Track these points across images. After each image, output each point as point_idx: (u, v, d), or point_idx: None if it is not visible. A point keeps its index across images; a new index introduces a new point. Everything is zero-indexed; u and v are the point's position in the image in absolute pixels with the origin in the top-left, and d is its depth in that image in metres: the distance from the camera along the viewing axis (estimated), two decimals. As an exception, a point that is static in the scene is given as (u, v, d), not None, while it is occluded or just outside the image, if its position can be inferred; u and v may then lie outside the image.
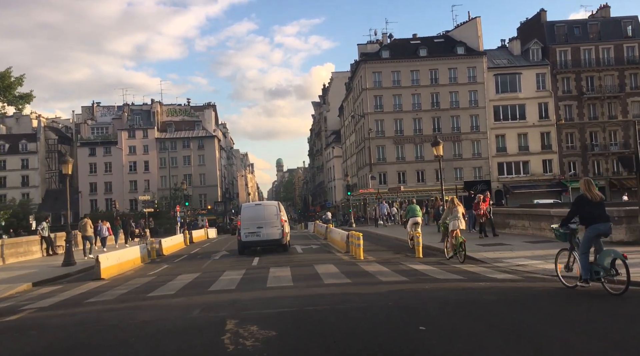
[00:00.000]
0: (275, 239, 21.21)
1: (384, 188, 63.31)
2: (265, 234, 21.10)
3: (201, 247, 29.12)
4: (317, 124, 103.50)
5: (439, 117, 64.91)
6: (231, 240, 34.97)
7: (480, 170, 64.66)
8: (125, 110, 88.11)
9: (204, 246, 29.84)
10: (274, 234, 21.11)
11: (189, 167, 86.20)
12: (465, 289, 10.20)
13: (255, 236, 21.14)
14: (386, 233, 29.81)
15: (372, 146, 64.73)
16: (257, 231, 21.10)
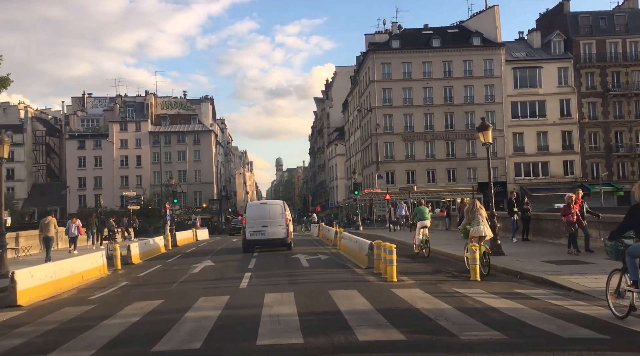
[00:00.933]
0: (280, 238, 21.08)
1: (392, 187, 58.13)
2: (270, 233, 20.93)
3: (184, 252, 23.96)
4: (319, 121, 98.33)
5: (452, 113, 59.80)
6: (224, 243, 29.89)
7: (496, 170, 59.37)
8: (118, 102, 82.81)
9: (188, 251, 24.67)
10: (278, 233, 20.97)
11: (183, 162, 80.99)
12: None
13: (260, 234, 20.97)
14: (405, 239, 24.63)
15: (380, 143, 59.60)
16: (262, 230, 20.95)
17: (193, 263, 18.15)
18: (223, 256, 20.59)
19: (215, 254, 22.18)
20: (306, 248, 23.11)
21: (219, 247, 26.94)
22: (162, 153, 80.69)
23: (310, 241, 28.80)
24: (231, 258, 20.05)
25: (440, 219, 34.87)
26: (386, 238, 24.72)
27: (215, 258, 20.24)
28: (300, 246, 24.47)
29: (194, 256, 21.35)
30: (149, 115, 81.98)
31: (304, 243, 26.57)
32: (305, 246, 24.60)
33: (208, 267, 17.21)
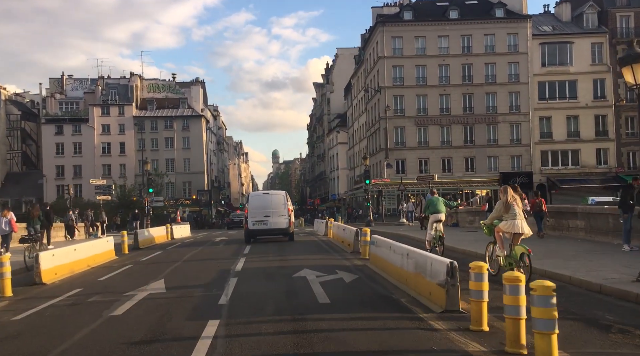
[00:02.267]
0: (282, 228, 21.01)
1: (402, 177, 50.65)
2: (273, 223, 20.80)
3: (137, 263, 16.26)
4: (319, 108, 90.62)
5: (471, 94, 52.27)
6: (204, 244, 22.33)
7: (520, 159, 52.10)
8: (100, 83, 74.89)
9: (144, 260, 17.06)
10: (281, 223, 20.85)
11: (171, 150, 73.19)
12: None
13: (263, 224, 20.86)
14: (463, 245, 17.03)
15: (389, 127, 51.99)
16: (264, 220, 20.82)
17: (125, 292, 10.45)
18: (183, 275, 13.02)
19: (178, 267, 14.61)
20: (314, 257, 15.58)
21: (193, 251, 19.41)
22: (148, 140, 72.76)
23: (316, 243, 21.24)
24: (195, 275, 12.55)
25: (477, 214, 27.24)
26: (410, 239, 17.34)
27: (174, 276, 12.67)
28: (306, 253, 17.01)
29: (142, 274, 13.70)
30: (134, 98, 74.11)
31: (309, 248, 19.03)
32: (311, 253, 17.06)
33: (151, 297, 9.66)
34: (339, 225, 20.10)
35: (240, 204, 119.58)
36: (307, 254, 16.61)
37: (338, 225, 20.24)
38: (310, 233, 29.46)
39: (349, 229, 17.85)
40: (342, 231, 18.85)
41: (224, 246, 20.73)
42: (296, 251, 17.39)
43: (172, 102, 75.88)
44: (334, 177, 79.10)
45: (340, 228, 19.39)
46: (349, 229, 17.82)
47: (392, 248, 11.12)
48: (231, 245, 20.81)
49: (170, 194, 71.84)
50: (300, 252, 17.19)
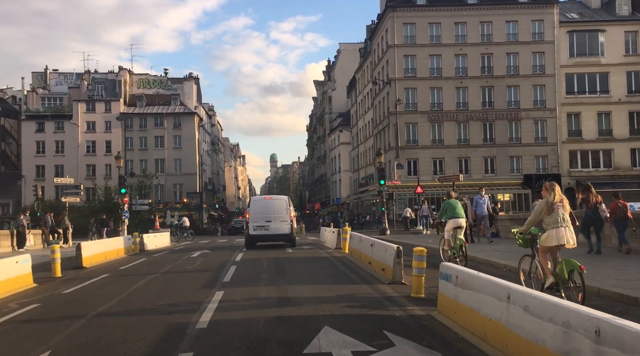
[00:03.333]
0: (284, 234, 20.21)
1: (414, 180, 44.78)
2: (274, 229, 20.02)
3: (47, 305, 10.23)
4: (320, 106, 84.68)
5: (491, 87, 46.43)
6: (168, 266, 16.08)
7: (546, 160, 46.24)
8: (85, 78, 68.90)
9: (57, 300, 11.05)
10: (283, 229, 20.07)
11: (161, 150, 67.13)
12: None
13: (264, 230, 20.01)
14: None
15: (400, 123, 46.13)
16: (265, 225, 20.00)
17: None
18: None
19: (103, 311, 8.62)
20: (333, 292, 9.40)
21: (126, 292, 13.31)
22: (137, 138, 66.97)
23: (329, 262, 15.00)
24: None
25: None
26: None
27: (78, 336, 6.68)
28: (317, 281, 10.95)
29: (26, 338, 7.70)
30: (122, 94, 68.15)
31: (321, 271, 12.64)
32: (326, 282, 10.82)
33: None
34: (362, 238, 14.04)
35: (236, 208, 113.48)
36: (319, 283, 10.58)
37: (360, 238, 14.17)
38: (315, 244, 23.39)
39: (381, 245, 11.84)
40: (369, 247, 12.80)
41: (199, 266, 14.69)
42: (302, 278, 11.40)
43: (164, 99, 69.95)
44: (335, 180, 73.14)
45: (366, 243, 13.34)
46: (381, 246, 11.82)
47: (480, 285, 5.28)
48: (209, 265, 14.76)
49: (159, 196, 65.91)
50: (309, 279, 11.19)
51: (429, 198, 44.11)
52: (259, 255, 17.40)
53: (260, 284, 10.64)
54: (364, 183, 57.08)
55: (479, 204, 18.68)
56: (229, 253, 18.12)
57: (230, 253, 18.48)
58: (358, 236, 14.52)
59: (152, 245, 23.82)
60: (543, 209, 7.74)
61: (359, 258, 14.07)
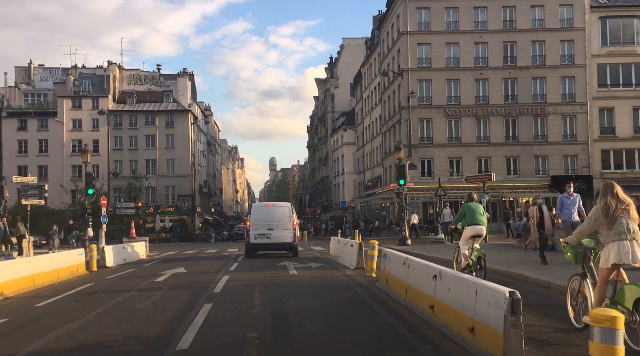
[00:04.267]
0: (286, 243, 19.08)
1: (429, 181, 39.70)
2: (276, 237, 18.98)
3: None
4: (321, 106, 79.47)
5: (514, 79, 41.33)
6: (110, 303, 10.59)
7: (575, 160, 41.08)
8: (72, 73, 63.71)
9: None
10: (285, 237, 19.01)
11: (152, 150, 61.88)
12: None
13: (266, 238, 19.00)
14: None
15: (413, 119, 40.99)
16: (267, 233, 18.99)
17: None
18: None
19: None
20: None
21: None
22: (126, 137, 61.77)
23: (354, 296, 9.81)
24: None
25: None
26: None
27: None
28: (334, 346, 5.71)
29: None
30: (111, 90, 62.99)
31: (350, 332, 6.91)
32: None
33: None
34: (410, 263, 8.57)
35: (233, 212, 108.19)
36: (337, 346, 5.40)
37: (407, 262, 8.76)
38: (325, 259, 18.00)
39: (457, 280, 6.55)
40: (427, 280, 7.45)
41: (151, 307, 9.26)
42: (323, 348, 6.10)
43: (156, 96, 64.77)
44: (338, 182, 67.91)
45: (419, 271, 8.00)
46: (457, 281, 6.53)
47: None
48: (169, 305, 9.38)
49: (150, 200, 60.71)
50: (337, 351, 5.93)
51: (440, 203, 38.99)
52: (251, 278, 12.23)
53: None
54: (370, 186, 51.86)
55: (565, 206, 13.31)
56: (209, 276, 12.88)
57: (212, 275, 13.26)
58: (400, 258, 9.25)
59: (119, 259, 18.55)
60: (598, 218, 5.99)
61: (403, 292, 8.80)
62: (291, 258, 18.45)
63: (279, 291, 9.97)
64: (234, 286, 10.91)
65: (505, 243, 24.80)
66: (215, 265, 16.44)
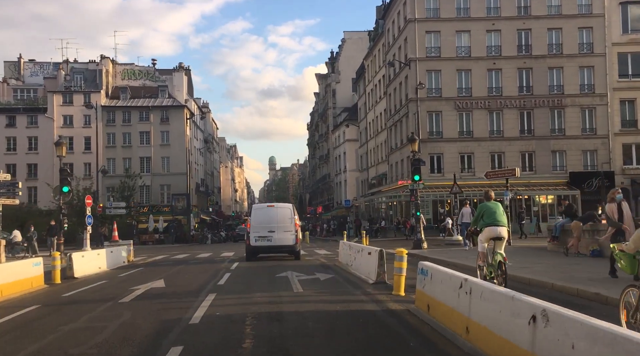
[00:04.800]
0: (287, 245, 18.21)
1: (439, 178, 36.92)
2: (277, 240, 18.15)
3: None
4: (322, 102, 76.54)
5: (529, 69, 38.48)
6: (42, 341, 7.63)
7: (595, 155, 38.22)
8: (63, 68, 60.82)
9: None
10: (286, 240, 18.14)
11: (147, 147, 58.96)
12: None
13: (266, 240, 18.18)
14: None
15: (421, 112, 38.11)
16: (268, 236, 18.17)
17: None
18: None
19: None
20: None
21: None
22: (119, 134, 58.86)
23: (374, 318, 7.22)
24: None
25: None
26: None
27: None
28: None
29: None
30: (104, 85, 60.08)
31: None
32: None
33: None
34: (472, 287, 5.80)
35: (232, 212, 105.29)
36: None
37: (467, 286, 5.95)
38: (332, 269, 14.88)
39: (597, 329, 3.72)
40: (521, 322, 4.57)
41: (109, 339, 6.51)
42: None
43: (150, 91, 61.85)
44: (340, 181, 65.05)
45: (494, 303, 5.17)
46: (594, 331, 3.70)
47: None
48: (130, 337, 6.60)
49: (145, 199, 57.85)
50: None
51: (450, 201, 36.21)
52: (243, 300, 9.38)
53: None
54: (375, 184, 48.96)
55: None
56: (188, 297, 9.99)
57: (194, 294, 10.37)
58: (455, 279, 6.37)
59: (92, 267, 15.66)
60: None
61: (461, 330, 5.92)
62: (294, 265, 15.64)
63: (279, 326, 7.07)
64: (219, 314, 8.01)
65: (534, 245, 21.97)
66: (203, 277, 13.55)
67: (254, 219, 18.65)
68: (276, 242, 18.11)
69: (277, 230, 18.15)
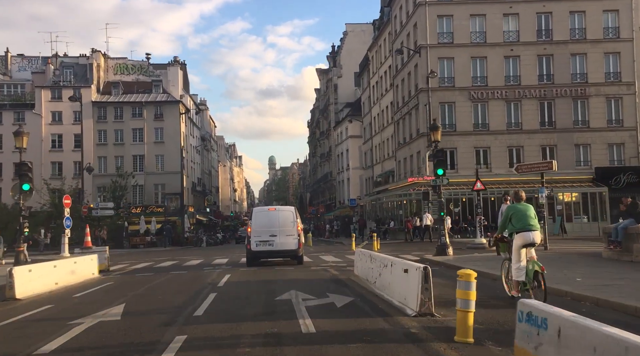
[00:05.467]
0: (290, 250, 17.31)
1: (449, 174, 33.58)
2: (279, 244, 17.19)
3: None
4: (323, 97, 73.12)
5: (549, 56, 35.16)
6: None
7: (622, 149, 34.92)
8: (52, 62, 57.45)
9: None
10: (289, 244, 17.21)
11: (140, 144, 55.61)
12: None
13: (268, 245, 17.28)
14: None
15: (433, 103, 34.71)
16: (269, 240, 17.27)
17: None
18: None
19: None
20: None
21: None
22: (111, 131, 55.55)
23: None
24: None
25: None
26: None
27: None
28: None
29: None
30: (94, 80, 56.70)
31: None
32: None
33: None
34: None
35: (231, 212, 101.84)
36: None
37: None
38: (349, 286, 11.30)
39: None
40: None
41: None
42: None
43: (144, 87, 58.48)
44: (342, 179, 61.68)
45: None
46: None
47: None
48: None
49: (138, 199, 54.54)
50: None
51: (465, 200, 33.10)
52: (225, 344, 6.08)
53: None
54: (381, 182, 45.60)
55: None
56: (152, 335, 6.68)
57: (158, 332, 7.03)
58: (598, 335, 3.13)
59: (46, 284, 12.25)
60: None
61: None
62: (298, 280, 12.36)
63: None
64: None
65: (582, 250, 18.66)
66: (179, 299, 10.19)
67: (255, 223, 17.75)
68: (278, 247, 17.24)
69: (279, 234, 17.26)
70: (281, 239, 17.23)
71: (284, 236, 17.25)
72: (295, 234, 17.30)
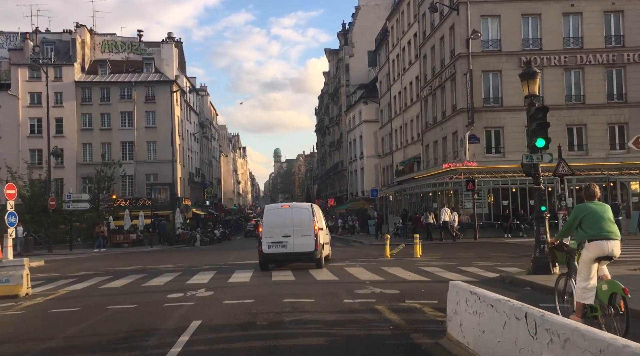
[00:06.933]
0: (306, 252, 15.32)
1: (494, 158, 27.08)
2: (294, 245, 15.30)
3: None
4: (333, 81, 66.18)
5: (619, 13, 28.26)
6: None
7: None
8: (31, 38, 50.86)
9: None
10: (305, 246, 15.31)
11: (130, 130, 49.08)
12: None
13: (281, 247, 15.34)
14: None
15: (475, 71, 27.97)
16: (283, 241, 15.32)
17: None
18: None
19: None
20: None
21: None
22: (96, 115, 49.10)
23: None
24: None
25: None
26: None
27: None
28: None
29: None
30: (78, 57, 50.09)
31: None
32: None
33: None
34: None
35: (234, 205, 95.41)
36: None
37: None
38: (392, 319, 4.96)
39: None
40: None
41: None
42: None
43: (135, 66, 51.92)
44: (355, 168, 54.97)
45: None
46: None
47: None
48: None
49: (128, 191, 48.12)
50: None
51: (516, 190, 26.67)
52: None
53: None
54: (404, 170, 38.77)
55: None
56: None
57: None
58: None
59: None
60: None
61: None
62: (324, 352, 5.70)
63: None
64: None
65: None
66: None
67: (266, 222, 16.00)
68: (292, 248, 15.41)
69: (294, 234, 15.39)
70: (296, 240, 15.30)
71: (299, 236, 15.28)
72: (312, 234, 15.19)
